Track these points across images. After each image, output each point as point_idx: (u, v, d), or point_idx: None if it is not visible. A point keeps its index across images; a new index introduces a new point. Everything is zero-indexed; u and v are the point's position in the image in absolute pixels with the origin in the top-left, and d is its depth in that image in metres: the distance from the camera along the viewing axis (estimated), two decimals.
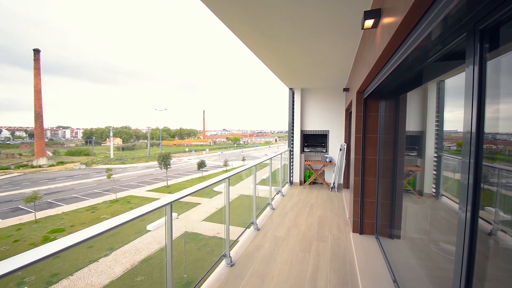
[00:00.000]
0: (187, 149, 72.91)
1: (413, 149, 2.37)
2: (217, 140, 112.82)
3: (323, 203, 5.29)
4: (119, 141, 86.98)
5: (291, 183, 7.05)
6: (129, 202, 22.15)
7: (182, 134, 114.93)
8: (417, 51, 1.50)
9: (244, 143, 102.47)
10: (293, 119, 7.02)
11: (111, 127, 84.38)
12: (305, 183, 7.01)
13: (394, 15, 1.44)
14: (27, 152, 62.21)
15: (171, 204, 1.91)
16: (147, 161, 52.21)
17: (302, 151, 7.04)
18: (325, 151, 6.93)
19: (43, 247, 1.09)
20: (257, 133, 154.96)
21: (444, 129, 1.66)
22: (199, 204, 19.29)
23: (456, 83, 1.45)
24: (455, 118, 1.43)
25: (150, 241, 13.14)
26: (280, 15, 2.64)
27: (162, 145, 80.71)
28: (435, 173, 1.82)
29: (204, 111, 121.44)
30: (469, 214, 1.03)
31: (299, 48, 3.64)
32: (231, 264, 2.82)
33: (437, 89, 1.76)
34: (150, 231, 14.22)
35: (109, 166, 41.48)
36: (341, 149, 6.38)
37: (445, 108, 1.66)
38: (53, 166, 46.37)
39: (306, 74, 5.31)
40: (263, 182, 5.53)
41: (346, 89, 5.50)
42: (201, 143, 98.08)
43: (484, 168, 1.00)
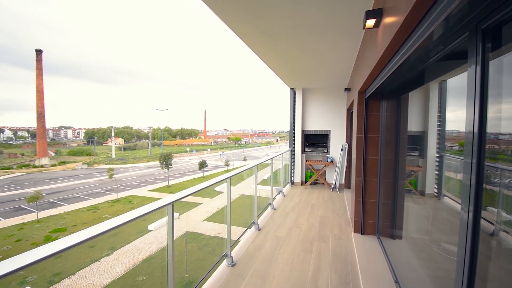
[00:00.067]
0: (188, 149, 73.02)
1: (414, 149, 2.37)
2: (218, 140, 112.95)
3: (325, 203, 5.28)
4: (120, 141, 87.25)
5: (292, 183, 7.04)
6: (131, 202, 22.22)
7: (183, 134, 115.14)
8: (419, 51, 1.49)
9: (245, 143, 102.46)
10: (294, 119, 7.02)
11: (112, 127, 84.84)
12: (306, 183, 7.00)
13: (395, 15, 1.44)
14: (29, 152, 62.54)
15: (172, 204, 1.92)
16: (148, 161, 52.35)
17: (303, 151, 7.04)
18: (326, 151, 6.92)
19: (45, 247, 1.09)
20: (259, 133, 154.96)
21: (446, 129, 1.66)
22: (201, 204, 19.31)
23: (458, 83, 1.44)
24: (457, 118, 1.43)
25: (151, 241, 13.17)
26: (280, 15, 2.64)
27: (163, 145, 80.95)
28: (437, 173, 1.81)
29: (205, 111, 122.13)
30: (471, 214, 1.02)
31: (300, 48, 3.64)
32: (232, 264, 2.82)
33: (439, 89, 1.75)
34: (151, 230, 14.25)
35: (110, 166, 41.64)
36: (342, 149, 6.37)
37: (447, 108, 1.65)
38: (55, 166, 46.60)
39: (307, 74, 5.30)
40: (264, 182, 5.53)
41: (347, 89, 5.49)
42: (202, 143, 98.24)
43: (486, 168, 1.00)
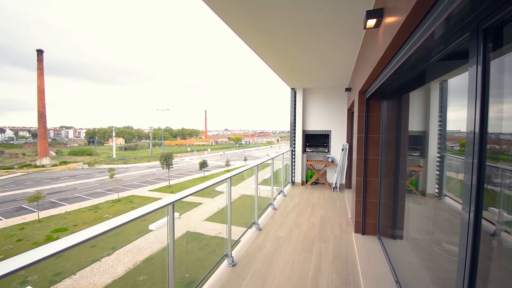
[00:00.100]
0: (189, 149, 73.13)
1: (415, 149, 2.36)
2: (219, 140, 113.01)
3: (325, 203, 5.27)
4: (121, 141, 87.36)
5: (293, 183, 7.04)
6: (132, 201, 22.25)
7: (184, 134, 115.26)
8: (420, 51, 1.49)
9: (246, 143, 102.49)
10: (295, 119, 7.01)
11: (113, 127, 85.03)
12: (307, 183, 7.00)
13: (396, 15, 1.44)
14: (31, 152, 62.68)
15: (173, 204, 1.92)
16: (149, 161, 52.42)
17: (304, 151, 7.03)
18: (327, 151, 6.91)
19: (46, 246, 1.09)
20: (259, 133, 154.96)
21: (447, 129, 1.65)
22: (201, 204, 19.32)
23: (459, 83, 1.44)
24: (458, 118, 1.42)
25: (152, 241, 13.19)
26: (280, 15, 2.64)
27: (164, 145, 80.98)
28: (438, 173, 1.81)
29: (206, 111, 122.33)
30: (472, 214, 1.02)
31: (300, 48, 3.64)
32: (233, 264, 2.82)
33: (440, 88, 1.75)
34: (152, 230, 14.26)
35: (111, 166, 41.73)
36: (343, 149, 6.36)
37: (448, 108, 1.65)
38: (56, 166, 46.71)
39: (307, 74, 5.30)
40: (265, 182, 5.53)
41: (348, 89, 5.48)
42: (203, 143, 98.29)
43: (487, 168, 0.99)
